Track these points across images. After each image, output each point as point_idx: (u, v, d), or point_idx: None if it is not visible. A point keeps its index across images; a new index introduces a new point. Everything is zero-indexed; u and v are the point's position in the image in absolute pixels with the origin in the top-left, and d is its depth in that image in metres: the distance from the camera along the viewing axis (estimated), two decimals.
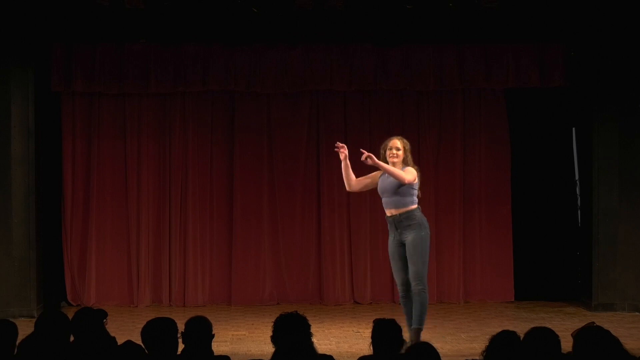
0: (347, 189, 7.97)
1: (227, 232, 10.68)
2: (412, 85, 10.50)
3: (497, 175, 10.79)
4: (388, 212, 7.71)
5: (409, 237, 7.62)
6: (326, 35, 10.35)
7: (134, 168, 10.57)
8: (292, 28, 10.21)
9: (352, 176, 7.81)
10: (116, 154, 10.59)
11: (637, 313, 9.93)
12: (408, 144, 7.80)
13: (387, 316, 5.38)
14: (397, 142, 7.73)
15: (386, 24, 10.18)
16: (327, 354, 5.08)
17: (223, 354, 5.73)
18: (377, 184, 7.81)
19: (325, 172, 10.63)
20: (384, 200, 7.75)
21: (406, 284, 7.65)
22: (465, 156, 10.77)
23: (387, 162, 7.69)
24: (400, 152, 7.70)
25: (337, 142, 7.77)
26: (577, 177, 10.81)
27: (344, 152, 7.69)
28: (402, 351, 4.82)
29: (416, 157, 10.61)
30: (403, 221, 7.62)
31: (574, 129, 10.83)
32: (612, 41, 9.90)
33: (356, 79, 10.43)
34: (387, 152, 7.73)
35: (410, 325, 7.63)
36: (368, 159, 7.57)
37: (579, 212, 10.76)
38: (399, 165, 7.68)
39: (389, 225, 7.75)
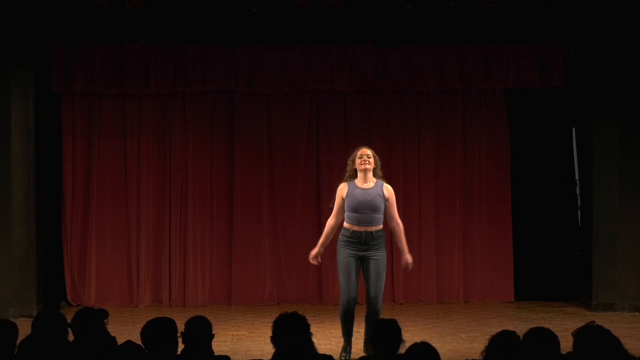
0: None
1: (227, 232, 10.69)
2: (412, 85, 10.50)
3: (497, 175, 10.80)
4: (360, 228, 7.43)
5: (375, 255, 7.45)
6: (326, 35, 10.35)
7: (134, 168, 10.58)
8: (292, 28, 10.21)
9: (330, 229, 7.70)
10: (116, 154, 10.59)
11: (637, 313, 9.93)
12: (376, 155, 7.66)
13: (387, 316, 5.39)
14: (367, 150, 7.59)
15: (386, 24, 10.19)
16: (327, 354, 5.07)
17: (223, 354, 5.74)
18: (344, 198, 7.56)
19: (325, 172, 10.63)
20: (357, 215, 7.45)
21: (355, 299, 7.48)
22: (465, 156, 10.77)
23: (356, 174, 7.55)
24: (372, 160, 7.54)
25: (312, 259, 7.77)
26: (577, 177, 10.82)
27: (318, 258, 7.76)
28: (402, 351, 4.82)
29: (415, 158, 10.71)
30: (376, 239, 7.46)
31: (574, 129, 10.84)
32: (612, 41, 9.90)
33: (356, 79, 10.43)
34: (358, 161, 7.53)
35: (350, 338, 7.56)
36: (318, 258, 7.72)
37: (579, 212, 10.76)
38: (370, 173, 7.52)
39: (350, 239, 7.45)
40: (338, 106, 10.71)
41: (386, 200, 7.53)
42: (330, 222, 7.73)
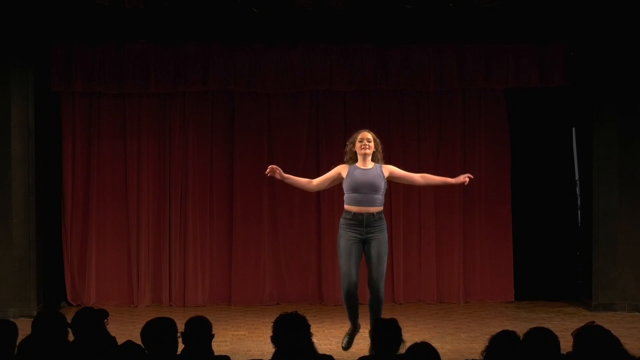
0: (311, 191, 7.88)
1: (227, 232, 10.69)
2: (412, 85, 10.50)
3: (497, 175, 10.80)
4: (359, 209, 7.31)
5: (377, 237, 7.35)
6: (326, 35, 10.36)
7: (134, 168, 10.58)
8: (292, 28, 10.21)
9: (303, 181, 7.66)
10: (116, 154, 10.60)
11: (637, 313, 9.93)
12: (377, 139, 7.56)
13: (387, 316, 5.38)
14: (367, 134, 7.47)
15: (386, 24, 10.19)
16: (327, 354, 5.07)
17: (223, 354, 5.74)
18: (342, 178, 7.49)
19: (325, 172, 10.59)
20: (357, 196, 7.34)
21: (355, 284, 7.36)
22: (465, 156, 10.77)
23: (356, 157, 7.47)
24: (372, 144, 7.44)
25: (268, 170, 7.58)
26: (577, 177, 10.82)
27: (275, 173, 7.52)
28: (402, 351, 4.82)
29: (415, 158, 10.71)
30: (376, 221, 7.36)
31: (574, 129, 10.84)
32: (612, 41, 9.90)
33: (356, 79, 10.43)
34: (358, 144, 7.43)
35: (357, 323, 7.49)
36: (275, 174, 7.50)
37: (579, 212, 10.76)
38: (369, 157, 7.44)
39: (351, 222, 7.33)
40: (338, 106, 10.71)
41: (390, 175, 7.47)
42: (311, 181, 7.67)
